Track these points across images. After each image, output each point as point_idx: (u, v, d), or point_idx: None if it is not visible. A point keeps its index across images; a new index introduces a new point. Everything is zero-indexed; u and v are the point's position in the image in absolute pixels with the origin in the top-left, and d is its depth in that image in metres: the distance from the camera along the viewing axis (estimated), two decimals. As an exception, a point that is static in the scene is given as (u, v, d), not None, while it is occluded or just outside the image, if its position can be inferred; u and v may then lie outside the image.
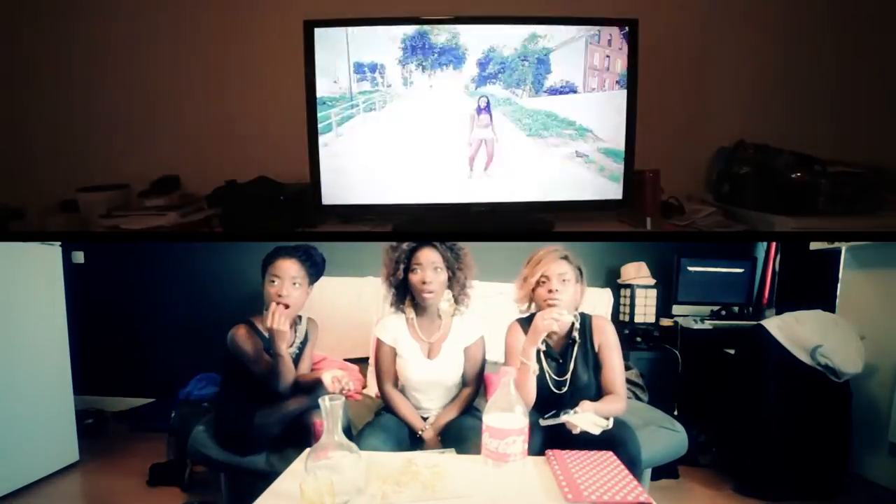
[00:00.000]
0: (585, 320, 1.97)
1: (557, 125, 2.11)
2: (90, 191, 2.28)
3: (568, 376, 1.90)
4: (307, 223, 2.21)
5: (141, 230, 2.11)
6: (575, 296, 1.91)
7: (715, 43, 2.44)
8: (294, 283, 1.98)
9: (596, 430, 1.64)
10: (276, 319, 1.90)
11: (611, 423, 1.71)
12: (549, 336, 1.92)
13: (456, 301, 2.08)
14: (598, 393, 1.91)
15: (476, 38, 2.04)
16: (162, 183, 2.35)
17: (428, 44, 2.02)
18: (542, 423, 1.69)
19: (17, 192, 2.35)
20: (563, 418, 1.67)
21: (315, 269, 2.06)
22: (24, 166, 2.48)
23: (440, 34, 2.02)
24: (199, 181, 2.40)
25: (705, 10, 2.41)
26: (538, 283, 1.90)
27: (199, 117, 2.47)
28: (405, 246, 2.03)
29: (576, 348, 1.92)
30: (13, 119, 2.47)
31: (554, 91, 2.09)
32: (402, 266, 2.02)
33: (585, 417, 1.67)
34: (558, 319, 1.80)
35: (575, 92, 2.09)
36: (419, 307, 2.07)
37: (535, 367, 1.83)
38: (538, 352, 1.88)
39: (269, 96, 2.42)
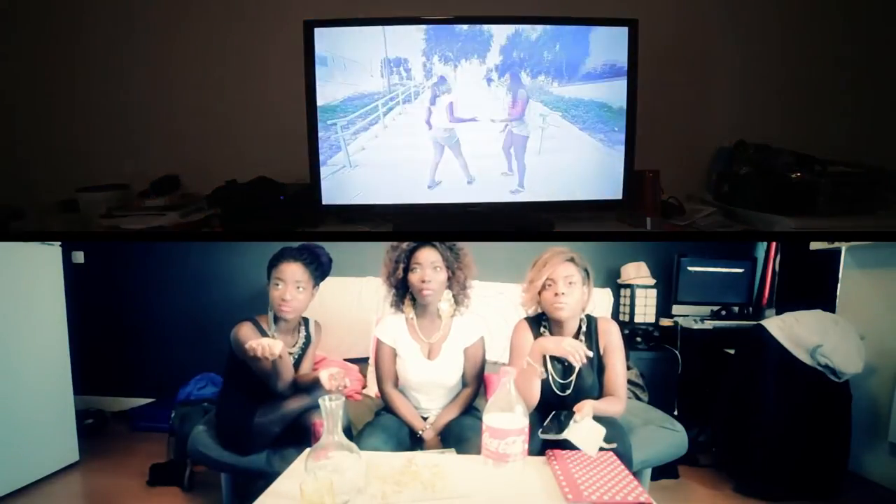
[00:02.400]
0: (592, 323, 1.95)
1: (600, 113, 2.08)
2: (90, 191, 2.28)
3: (573, 379, 1.88)
4: (307, 223, 2.21)
5: (141, 230, 2.10)
6: (582, 298, 1.89)
7: (715, 43, 2.45)
8: (298, 288, 1.97)
9: (593, 451, 1.59)
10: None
11: (610, 443, 1.65)
12: None
13: (456, 301, 2.08)
14: (600, 395, 1.90)
15: (501, 24, 2.02)
16: (162, 183, 2.35)
17: (451, 34, 2.00)
18: (542, 436, 1.66)
19: (17, 192, 2.36)
20: (564, 434, 1.62)
21: (321, 271, 2.06)
22: (24, 166, 2.48)
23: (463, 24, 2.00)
24: (199, 181, 2.40)
25: (705, 10, 2.42)
26: (544, 287, 1.86)
27: (199, 117, 2.47)
28: (405, 246, 2.03)
29: None
30: (13, 119, 2.47)
31: (593, 76, 2.06)
32: (401, 265, 2.02)
33: (585, 434, 1.61)
34: (582, 359, 1.76)
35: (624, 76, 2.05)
36: (419, 307, 2.07)
37: (542, 370, 1.81)
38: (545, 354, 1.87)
39: (269, 96, 2.42)
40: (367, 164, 2.11)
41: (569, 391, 1.88)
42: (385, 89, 2.04)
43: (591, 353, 1.81)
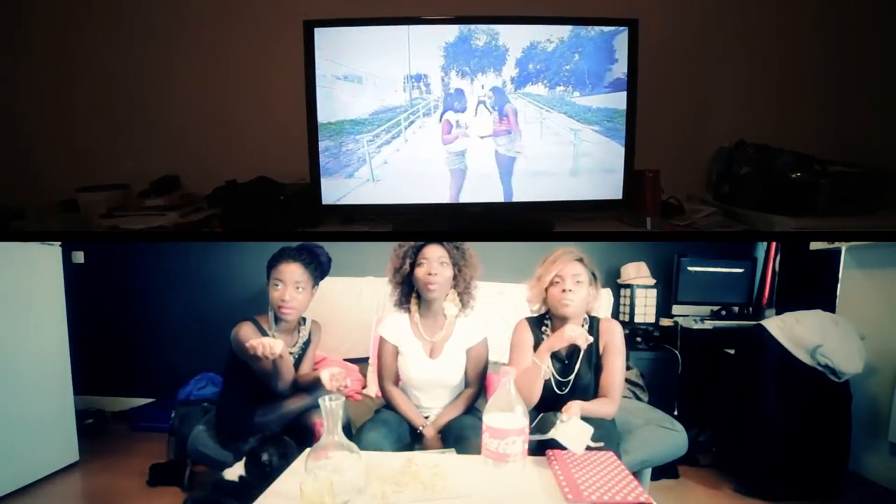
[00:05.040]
0: (594, 323, 1.97)
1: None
2: (90, 191, 2.27)
3: (571, 377, 1.89)
4: (307, 223, 2.21)
5: (141, 230, 2.10)
6: (587, 298, 1.91)
7: (715, 43, 2.44)
8: (297, 288, 1.98)
9: (580, 449, 1.60)
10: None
11: (597, 443, 1.66)
12: None
13: (461, 301, 2.08)
14: (596, 394, 1.91)
15: (516, 34, 2.01)
16: (162, 183, 2.35)
17: (468, 47, 2.00)
18: (530, 437, 1.64)
19: (17, 192, 2.35)
20: (550, 434, 1.63)
21: (320, 270, 2.06)
22: (24, 166, 2.48)
23: (480, 36, 2.00)
24: (199, 181, 2.40)
25: (705, 10, 2.42)
26: (552, 283, 1.89)
27: (199, 117, 2.47)
28: (412, 242, 2.04)
29: (582, 351, 1.91)
30: (13, 119, 2.47)
31: (620, 86, 2.05)
32: (408, 261, 2.02)
33: (571, 433, 1.62)
34: (588, 339, 1.80)
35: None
36: (423, 305, 2.07)
37: (547, 369, 1.82)
38: None
39: (269, 96, 2.42)
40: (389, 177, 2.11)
41: (567, 389, 1.90)
42: (407, 104, 2.04)
43: (591, 338, 1.84)
